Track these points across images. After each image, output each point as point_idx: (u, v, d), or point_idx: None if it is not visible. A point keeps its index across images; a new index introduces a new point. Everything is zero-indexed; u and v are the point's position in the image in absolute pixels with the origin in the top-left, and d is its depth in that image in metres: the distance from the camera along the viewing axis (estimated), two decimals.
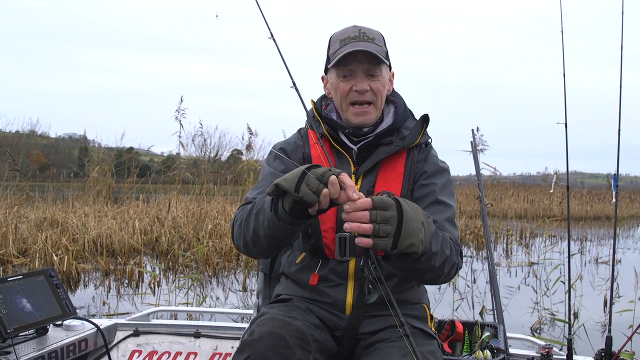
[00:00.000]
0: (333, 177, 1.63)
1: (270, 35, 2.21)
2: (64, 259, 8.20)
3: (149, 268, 8.83)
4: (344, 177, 1.65)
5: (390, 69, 2.14)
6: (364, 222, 1.61)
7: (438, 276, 1.91)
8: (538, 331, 5.84)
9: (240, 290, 7.82)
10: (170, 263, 9.15)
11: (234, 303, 7.13)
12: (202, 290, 7.66)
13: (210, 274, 8.71)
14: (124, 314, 5.98)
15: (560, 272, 6.89)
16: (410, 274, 1.94)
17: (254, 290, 7.82)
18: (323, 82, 2.20)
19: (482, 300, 7.19)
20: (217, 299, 7.34)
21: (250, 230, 1.87)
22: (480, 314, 6.50)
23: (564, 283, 6.58)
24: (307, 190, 1.63)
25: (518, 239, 14.00)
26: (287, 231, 1.78)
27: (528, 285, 8.37)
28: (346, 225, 1.62)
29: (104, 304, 6.63)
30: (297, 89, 2.16)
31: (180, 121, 10.78)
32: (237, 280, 8.49)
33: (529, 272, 9.36)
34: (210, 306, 6.81)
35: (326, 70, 2.15)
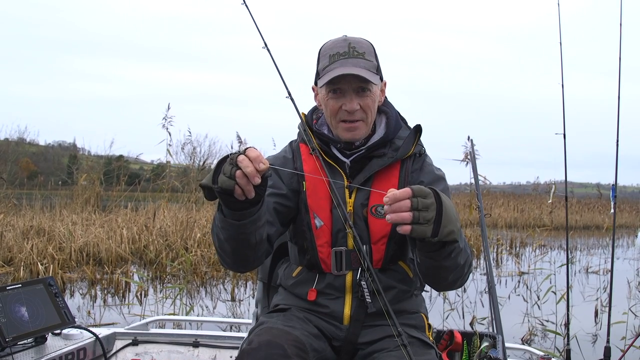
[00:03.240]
0: (241, 156, 1.61)
1: (264, 46, 2.19)
2: (50, 268, 8.09)
3: (136, 277, 8.73)
4: (249, 151, 1.62)
5: (382, 79, 2.10)
6: (405, 211, 1.57)
7: (459, 277, 1.88)
8: (529, 342, 5.80)
9: (228, 300, 7.75)
10: (158, 272, 9.06)
11: (222, 313, 7.05)
12: (190, 300, 7.58)
13: (198, 283, 8.63)
14: (109, 324, 5.90)
15: (551, 282, 6.87)
16: (436, 274, 1.87)
17: (242, 300, 7.75)
18: (314, 92, 2.16)
19: (473, 310, 7.15)
20: (206, 307, 7.27)
21: (215, 238, 1.88)
22: (471, 324, 6.45)
23: (554, 293, 6.56)
24: (224, 178, 1.62)
25: (508, 248, 13.99)
26: (238, 228, 1.75)
27: (518, 295, 8.35)
28: (388, 217, 1.58)
29: (88, 314, 6.54)
30: (292, 99, 2.14)
31: (167, 129, 10.68)
32: (225, 289, 8.41)
33: (519, 282, 9.34)
34: (198, 315, 6.75)
35: (316, 82, 2.11)
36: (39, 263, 8.27)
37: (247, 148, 1.63)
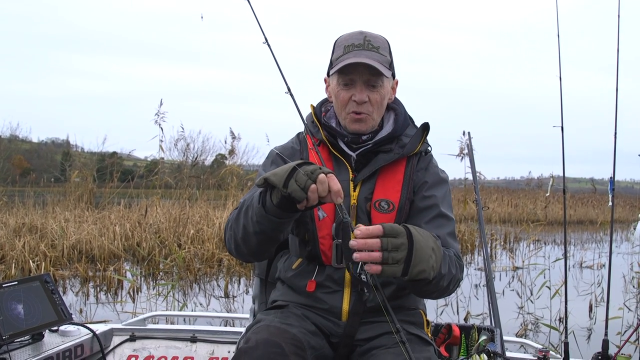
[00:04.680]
0: (322, 175, 1.62)
1: (264, 41, 2.19)
2: (41, 266, 8.04)
3: (129, 275, 8.68)
4: (332, 179, 1.63)
5: (394, 77, 2.12)
6: (375, 250, 1.58)
7: (442, 293, 1.95)
8: (523, 337, 5.78)
9: (222, 297, 7.71)
10: (151, 269, 9.01)
11: (216, 309, 7.02)
12: (183, 297, 7.55)
13: (191, 279, 8.59)
14: (101, 322, 5.85)
15: (545, 277, 6.86)
16: (417, 292, 2.00)
17: (236, 297, 7.72)
18: (325, 83, 2.18)
19: (467, 305, 7.14)
20: (200, 304, 7.24)
21: (240, 227, 1.86)
22: (465, 319, 6.44)
23: (549, 288, 6.56)
24: (295, 187, 1.62)
25: (502, 243, 13.99)
26: (275, 224, 1.76)
27: (512, 290, 8.34)
28: (355, 255, 1.59)
29: (80, 312, 6.50)
30: (292, 95, 2.14)
31: (160, 125, 10.64)
32: (219, 286, 8.37)
33: (513, 277, 9.33)
34: (193, 312, 6.72)
35: (329, 73, 2.14)
36: (30, 261, 8.21)
37: (330, 173, 1.65)
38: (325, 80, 2.18)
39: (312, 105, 2.22)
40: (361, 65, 1.97)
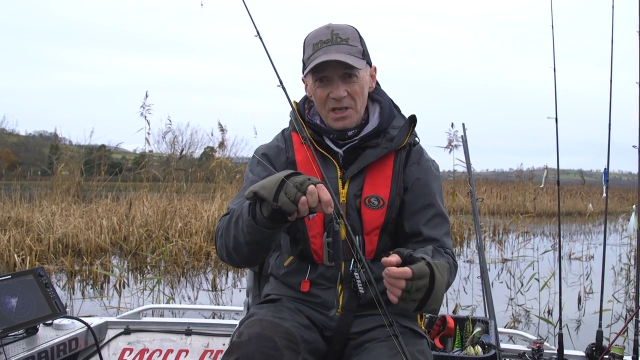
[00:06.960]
0: (312, 187, 1.60)
1: (256, 34, 2.16)
2: (27, 260, 7.95)
3: (115, 270, 8.61)
4: (322, 189, 1.61)
5: (370, 65, 2.07)
6: (398, 288, 1.62)
7: None
8: (513, 328, 5.77)
9: (210, 290, 7.66)
10: (138, 263, 8.94)
11: (203, 303, 6.98)
12: (171, 290, 7.50)
13: (179, 273, 8.53)
14: (88, 316, 5.78)
15: (534, 269, 6.85)
16: None
17: (224, 290, 7.68)
18: (304, 83, 2.15)
19: (456, 297, 7.14)
20: (188, 298, 7.19)
21: (231, 237, 1.85)
22: (454, 312, 6.42)
23: (538, 280, 6.56)
24: (286, 199, 1.61)
25: (491, 235, 14.00)
26: (266, 235, 1.75)
27: (501, 282, 8.34)
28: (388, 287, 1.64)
29: (65, 306, 6.42)
30: (284, 88, 2.11)
31: (146, 117, 10.55)
32: (206, 279, 8.33)
33: (502, 269, 9.33)
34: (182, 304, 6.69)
35: (304, 74, 2.10)
36: (15, 255, 8.12)
37: (320, 183, 1.63)
38: (303, 80, 2.15)
39: (295, 102, 2.17)
40: (333, 62, 1.93)
